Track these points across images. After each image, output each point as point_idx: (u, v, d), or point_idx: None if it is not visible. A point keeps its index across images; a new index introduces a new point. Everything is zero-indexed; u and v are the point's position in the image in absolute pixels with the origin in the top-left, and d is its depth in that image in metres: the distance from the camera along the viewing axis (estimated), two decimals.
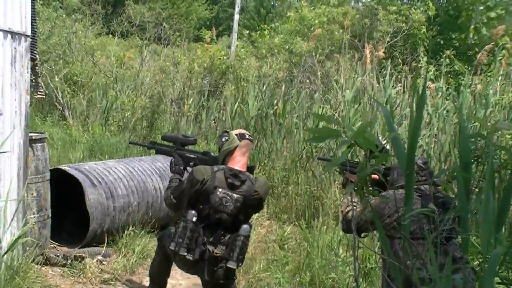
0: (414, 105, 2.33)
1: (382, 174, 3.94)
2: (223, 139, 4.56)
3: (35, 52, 5.44)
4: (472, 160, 2.40)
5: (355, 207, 4.01)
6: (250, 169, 4.64)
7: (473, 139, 2.65)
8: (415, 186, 3.83)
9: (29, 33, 5.20)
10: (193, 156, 4.90)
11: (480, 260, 2.20)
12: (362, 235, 4.16)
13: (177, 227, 4.37)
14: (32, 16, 5.27)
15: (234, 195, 4.36)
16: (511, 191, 2.34)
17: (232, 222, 4.38)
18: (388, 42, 12.37)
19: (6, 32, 4.84)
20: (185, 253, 4.28)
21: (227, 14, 40.81)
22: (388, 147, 3.84)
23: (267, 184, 4.61)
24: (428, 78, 9.12)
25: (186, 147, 5.01)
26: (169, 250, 4.46)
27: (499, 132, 5.83)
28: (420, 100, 2.37)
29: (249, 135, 4.64)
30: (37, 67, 5.60)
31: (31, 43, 5.27)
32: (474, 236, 4.86)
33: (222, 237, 4.36)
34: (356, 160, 3.93)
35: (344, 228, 4.21)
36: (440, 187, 3.84)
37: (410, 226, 3.61)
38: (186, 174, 4.69)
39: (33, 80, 5.51)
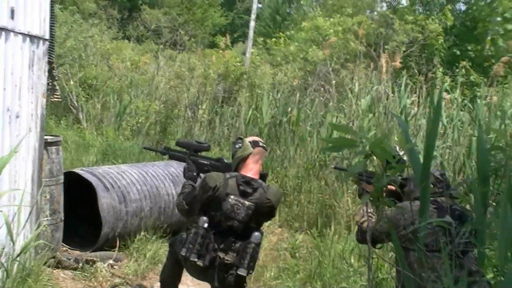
0: (430, 116, 2.32)
1: (398, 184, 3.92)
2: (237, 146, 4.56)
3: (52, 55, 5.47)
4: (489, 173, 2.38)
5: (370, 218, 3.99)
6: (263, 176, 4.64)
7: (491, 152, 2.64)
8: (432, 198, 3.80)
9: (47, 36, 5.23)
10: (206, 162, 4.89)
11: (496, 274, 2.18)
12: (377, 246, 4.14)
13: (189, 233, 4.37)
14: (50, 20, 5.30)
15: (246, 202, 4.35)
16: None
17: (244, 229, 4.37)
18: (404, 52, 12.34)
19: (25, 35, 4.87)
20: (196, 259, 4.28)
21: (243, 20, 40.94)
22: (405, 157, 3.82)
23: (279, 192, 4.60)
24: (443, 89, 9.08)
25: (199, 153, 5.01)
26: (180, 256, 4.46)
27: None
28: (436, 112, 2.36)
29: (262, 143, 4.64)
30: (54, 70, 5.63)
31: (48, 47, 5.29)
32: (490, 250, 4.81)
33: (233, 244, 4.35)
34: (371, 170, 3.92)
35: (359, 239, 4.19)
36: (457, 199, 3.82)
37: (426, 238, 3.59)
38: (199, 180, 4.69)
39: (50, 83, 5.53)
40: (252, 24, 17.75)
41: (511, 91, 8.50)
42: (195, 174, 4.83)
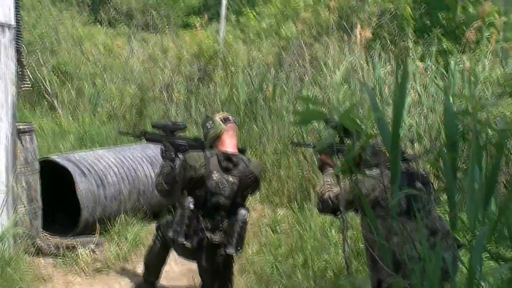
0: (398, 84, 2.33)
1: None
2: (208, 126, 4.58)
3: (20, 43, 5.40)
4: (458, 138, 2.40)
5: (330, 188, 4.04)
6: (242, 151, 4.67)
7: (459, 117, 2.65)
8: (388, 164, 3.85)
9: (13, 23, 5.15)
10: (184, 143, 4.90)
11: (470, 237, 2.20)
12: (337, 213, 4.19)
13: (175, 215, 4.41)
14: (16, 7, 5.21)
15: (230, 178, 4.40)
16: (497, 169, 2.35)
17: (230, 205, 4.41)
18: (376, 23, 12.29)
19: None
20: (184, 241, 4.32)
21: None
22: None
23: (261, 165, 4.67)
24: (416, 58, 9.11)
25: (176, 134, 5.00)
26: (168, 238, 4.50)
27: (487, 108, 5.82)
28: (403, 80, 2.36)
29: (232, 118, 4.68)
30: (22, 58, 5.56)
31: (15, 34, 5.21)
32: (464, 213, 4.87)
33: (221, 224, 4.40)
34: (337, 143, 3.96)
35: (319, 208, 4.23)
36: (411, 162, 3.88)
37: (385, 202, 3.64)
38: (178, 161, 4.69)
39: (19, 72, 5.46)
40: (224, 1, 17.55)
41: (483, 57, 8.55)
42: (173, 155, 4.84)
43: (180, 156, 4.75)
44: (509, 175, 6.21)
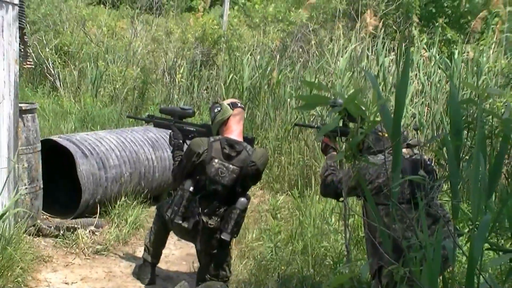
0: (400, 72, 2.31)
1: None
2: (216, 110, 4.58)
3: (23, 21, 5.36)
4: (463, 127, 2.38)
5: (333, 172, 4.02)
6: (250, 141, 4.66)
7: (464, 105, 2.64)
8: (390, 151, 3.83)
9: (16, 1, 5.11)
10: (192, 128, 4.90)
11: (471, 227, 2.19)
12: (341, 199, 4.17)
13: (175, 195, 4.44)
14: None
15: (230, 166, 4.39)
16: (502, 158, 2.34)
17: (229, 194, 4.41)
18: (383, 10, 12.23)
19: None
20: (181, 221, 4.35)
21: None
22: None
23: (265, 155, 4.60)
24: (421, 47, 9.06)
25: (184, 120, 5.01)
26: (166, 217, 4.51)
27: (491, 100, 5.83)
28: (405, 67, 2.35)
29: (240, 103, 4.66)
30: (25, 36, 5.53)
31: (19, 12, 5.18)
32: (465, 204, 4.86)
33: (217, 209, 4.40)
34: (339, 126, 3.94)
35: (322, 192, 4.20)
36: (415, 148, 3.86)
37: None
38: (185, 148, 4.70)
39: (22, 50, 5.43)
40: None
41: (488, 47, 8.52)
42: (181, 141, 4.83)
43: (187, 142, 4.76)
44: (510, 166, 6.19)
